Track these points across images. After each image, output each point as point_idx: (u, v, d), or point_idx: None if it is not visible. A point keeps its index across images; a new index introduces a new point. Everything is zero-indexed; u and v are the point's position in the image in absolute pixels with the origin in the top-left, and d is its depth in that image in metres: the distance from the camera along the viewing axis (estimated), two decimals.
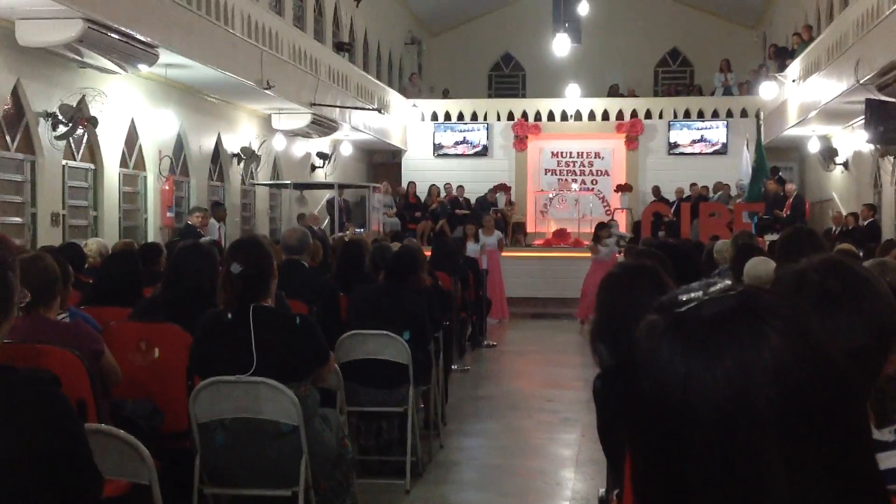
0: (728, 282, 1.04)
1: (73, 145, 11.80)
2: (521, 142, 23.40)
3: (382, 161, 24.94)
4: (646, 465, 1.01)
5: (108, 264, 5.99)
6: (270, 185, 18.03)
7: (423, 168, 23.35)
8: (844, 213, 17.20)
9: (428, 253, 9.59)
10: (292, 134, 17.94)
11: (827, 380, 0.97)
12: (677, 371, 0.97)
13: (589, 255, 15.88)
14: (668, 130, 23.19)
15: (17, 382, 2.12)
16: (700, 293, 1.02)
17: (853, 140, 17.76)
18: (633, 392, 1.02)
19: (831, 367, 0.98)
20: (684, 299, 1.02)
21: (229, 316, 4.08)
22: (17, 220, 10.83)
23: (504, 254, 17.47)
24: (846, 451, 0.96)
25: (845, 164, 18.60)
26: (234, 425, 4.11)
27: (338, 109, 18.14)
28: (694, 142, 23.11)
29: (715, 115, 23.26)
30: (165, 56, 11.63)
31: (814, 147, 19.99)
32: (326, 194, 19.78)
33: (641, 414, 1.01)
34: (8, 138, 10.62)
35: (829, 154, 19.18)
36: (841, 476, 0.95)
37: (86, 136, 11.96)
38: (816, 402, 0.95)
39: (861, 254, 7.55)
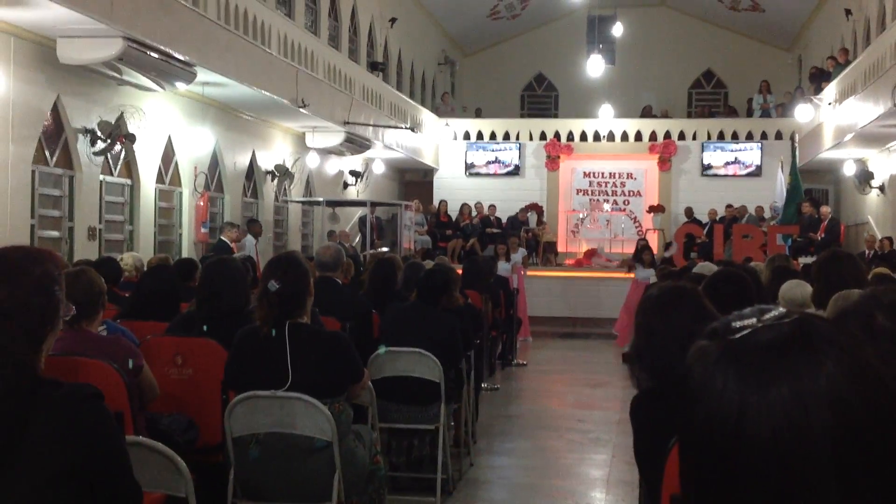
0: (782, 309, 1.03)
1: (110, 161, 11.96)
2: (553, 161, 23.40)
3: (414, 179, 25.03)
4: (699, 491, 1.01)
5: (146, 279, 6.06)
6: (303, 202, 18.15)
7: (454, 187, 23.40)
8: (880, 237, 17.03)
9: (459, 271, 9.59)
10: (326, 152, 18.07)
11: (883, 409, 0.95)
12: (732, 399, 0.97)
13: (623, 275, 15.87)
14: (702, 152, 23.10)
15: (61, 397, 2.15)
16: (754, 320, 1.01)
17: (890, 163, 17.61)
18: (686, 418, 1.02)
19: (887, 396, 0.97)
20: (738, 326, 1.01)
21: (272, 332, 4.12)
22: (55, 233, 10.98)
23: (535, 273, 17.50)
24: None
25: (881, 188, 18.43)
26: (269, 440, 4.13)
27: (371, 128, 18.26)
28: (728, 163, 23.00)
29: (749, 137, 23.15)
30: (203, 74, 11.78)
31: (849, 170, 19.84)
32: (358, 211, 19.88)
33: (695, 440, 1.00)
34: (47, 153, 10.79)
35: (864, 177, 19.01)
36: None
37: (123, 152, 12.13)
38: (873, 431, 0.94)
39: None
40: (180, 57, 10.92)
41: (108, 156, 11.71)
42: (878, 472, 0.94)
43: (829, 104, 18.79)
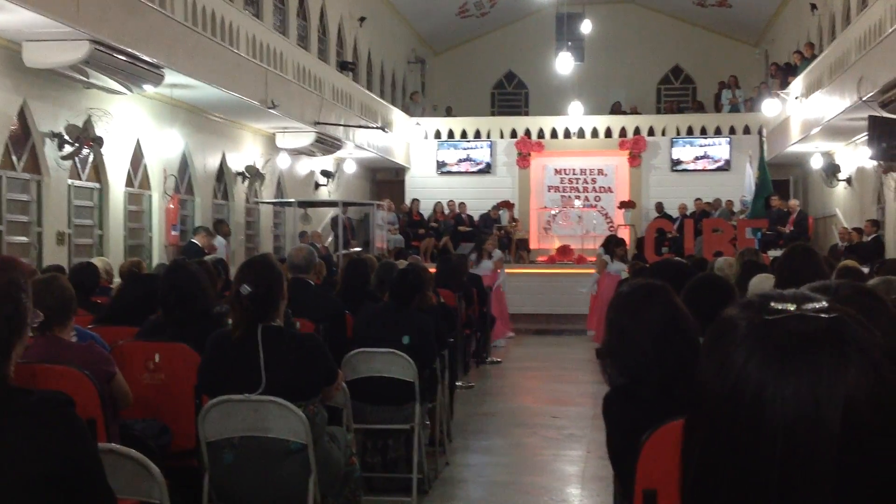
0: (825, 302, 1.01)
1: (78, 165, 11.86)
2: (524, 159, 23.47)
3: (386, 179, 25.02)
4: (701, 462, 1.00)
5: (129, 285, 6.01)
6: (274, 204, 18.08)
7: (426, 186, 23.42)
8: (849, 229, 17.22)
9: (432, 270, 9.60)
10: (296, 152, 18.01)
11: (891, 420, 0.95)
12: (749, 380, 0.96)
13: (595, 270, 15.96)
14: (671, 147, 23.26)
15: (33, 405, 2.15)
16: (793, 306, 1.00)
17: (856, 156, 17.81)
18: (697, 386, 1.01)
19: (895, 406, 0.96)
20: (777, 308, 1.00)
21: (241, 337, 4.11)
22: (24, 239, 10.87)
23: (507, 270, 17.53)
24: None
25: (848, 181, 18.63)
26: (243, 444, 4.12)
27: (342, 128, 18.22)
28: (697, 158, 23.17)
29: (717, 131, 23.34)
30: (171, 76, 11.71)
31: (816, 163, 20.04)
32: (330, 212, 19.83)
33: (706, 410, 0.99)
34: (14, 158, 10.68)
35: (831, 170, 19.21)
36: None
37: (91, 156, 12.02)
38: (879, 440, 0.94)
39: (866, 271, 7.56)
40: (148, 59, 10.84)
41: (76, 160, 11.61)
42: (877, 482, 0.94)
43: (796, 98, 18.97)
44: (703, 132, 23.39)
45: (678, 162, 23.20)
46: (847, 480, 0.94)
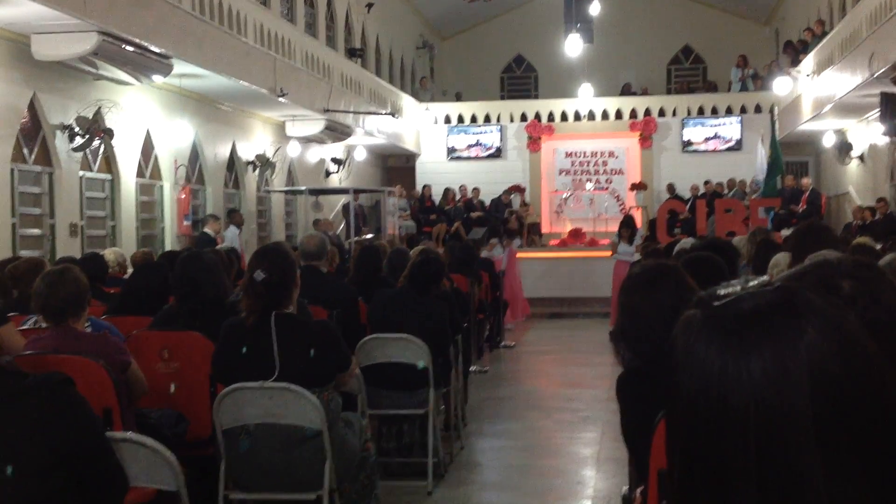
0: (766, 277, 1.03)
1: (89, 157, 11.90)
2: (534, 143, 23.40)
3: (396, 165, 25.00)
4: (683, 461, 1.01)
5: (137, 275, 6.03)
6: (286, 192, 18.10)
7: (437, 171, 23.39)
8: (862, 207, 17.12)
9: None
10: (306, 140, 18.01)
11: (862, 375, 0.95)
12: (713, 364, 0.97)
13: (608, 253, 15.93)
14: (682, 128, 23.15)
15: (29, 386, 2.15)
16: (738, 288, 1.02)
17: (868, 133, 17.69)
18: (671, 386, 1.02)
19: (867, 363, 0.97)
20: (723, 294, 1.02)
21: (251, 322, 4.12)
22: (36, 231, 10.92)
23: (520, 255, 17.55)
24: (882, 446, 0.95)
25: (861, 158, 18.52)
26: (259, 431, 4.14)
27: (351, 115, 18.20)
28: (708, 139, 23.06)
29: (729, 111, 23.21)
30: (179, 66, 11.72)
31: (829, 141, 19.92)
32: (342, 199, 19.84)
33: (680, 408, 1.00)
34: (26, 151, 10.72)
35: (844, 148, 19.09)
36: (878, 471, 0.94)
37: (102, 148, 12.06)
38: (851, 397, 0.94)
39: (879, 247, 7.52)
40: (156, 49, 10.85)
41: (87, 151, 11.65)
42: (858, 437, 0.94)
43: (807, 76, 18.84)
44: (714, 112, 23.27)
45: (689, 143, 23.10)
46: (831, 448, 0.93)
